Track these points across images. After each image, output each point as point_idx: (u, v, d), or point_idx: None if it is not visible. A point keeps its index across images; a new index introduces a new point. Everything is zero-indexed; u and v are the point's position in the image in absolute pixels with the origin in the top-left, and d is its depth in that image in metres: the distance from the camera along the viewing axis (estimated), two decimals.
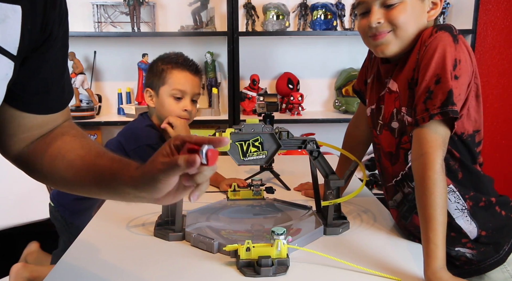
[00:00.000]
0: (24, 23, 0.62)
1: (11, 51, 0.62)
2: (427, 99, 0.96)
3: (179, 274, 0.94)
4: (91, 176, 0.73)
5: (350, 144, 1.37)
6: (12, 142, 0.78)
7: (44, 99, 0.75)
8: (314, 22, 2.57)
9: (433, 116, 0.94)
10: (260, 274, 0.92)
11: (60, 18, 0.70)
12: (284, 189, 1.51)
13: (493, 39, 2.85)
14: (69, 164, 0.75)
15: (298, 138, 1.14)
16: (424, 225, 0.91)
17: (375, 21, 1.04)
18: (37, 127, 0.78)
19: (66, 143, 0.78)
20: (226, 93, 2.63)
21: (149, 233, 1.14)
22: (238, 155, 1.09)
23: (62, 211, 1.70)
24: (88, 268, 0.97)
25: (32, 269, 1.75)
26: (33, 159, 0.79)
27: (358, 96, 1.33)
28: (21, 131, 0.77)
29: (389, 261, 0.99)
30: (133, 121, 1.61)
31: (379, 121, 1.15)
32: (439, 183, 0.91)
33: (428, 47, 0.98)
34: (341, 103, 2.62)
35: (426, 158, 0.93)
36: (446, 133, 0.96)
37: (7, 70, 0.63)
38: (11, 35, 0.61)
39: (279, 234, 0.94)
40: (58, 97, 0.79)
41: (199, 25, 2.59)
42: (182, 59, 1.55)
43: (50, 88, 0.75)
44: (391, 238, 1.12)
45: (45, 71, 0.72)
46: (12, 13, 0.60)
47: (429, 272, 0.87)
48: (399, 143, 1.08)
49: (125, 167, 0.70)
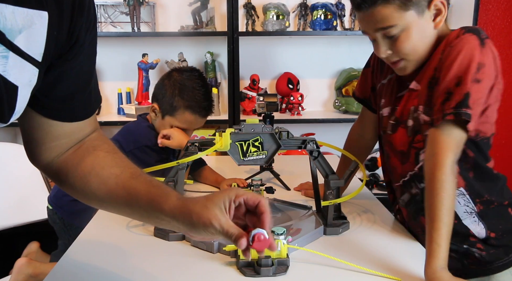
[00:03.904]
0: (50, 29, 0.61)
1: (36, 57, 0.61)
2: (446, 101, 0.95)
3: (179, 274, 0.94)
4: (125, 197, 0.74)
5: (353, 151, 1.33)
6: (41, 151, 0.77)
7: (70, 106, 0.74)
8: (314, 22, 2.57)
9: (445, 116, 0.93)
10: (260, 274, 0.92)
11: (88, 25, 0.69)
12: (284, 189, 1.51)
13: (493, 39, 2.84)
14: (102, 181, 0.75)
15: (298, 138, 1.14)
16: (429, 224, 0.91)
17: (383, 54, 1.04)
18: (65, 135, 0.77)
19: (99, 158, 0.78)
20: (226, 93, 2.63)
21: (149, 233, 1.14)
22: (238, 155, 1.09)
23: (61, 212, 1.70)
24: (88, 268, 0.97)
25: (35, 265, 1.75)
26: (65, 171, 0.78)
27: (364, 103, 1.31)
28: (49, 139, 0.76)
29: (389, 261, 0.99)
30: (132, 122, 1.61)
31: (390, 121, 1.14)
32: (447, 184, 0.91)
33: (453, 48, 0.97)
34: (341, 103, 2.62)
35: (436, 159, 0.93)
36: (461, 136, 0.95)
37: (31, 76, 0.62)
38: (36, 41, 0.60)
39: (279, 234, 0.94)
40: (84, 105, 0.77)
41: (199, 25, 2.59)
42: (199, 99, 1.47)
43: (75, 96, 0.74)
44: (391, 238, 1.12)
45: (70, 78, 0.71)
46: (38, 19, 0.59)
47: (429, 271, 0.87)
48: (412, 142, 1.08)
49: (164, 195, 0.71)
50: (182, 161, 1.09)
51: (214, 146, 1.07)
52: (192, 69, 1.56)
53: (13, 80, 0.59)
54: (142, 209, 0.73)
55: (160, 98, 1.49)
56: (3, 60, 0.57)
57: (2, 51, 0.57)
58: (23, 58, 0.59)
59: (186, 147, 1.12)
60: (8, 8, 0.56)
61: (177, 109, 1.46)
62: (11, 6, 0.56)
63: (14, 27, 0.57)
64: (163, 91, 1.49)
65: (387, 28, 1.00)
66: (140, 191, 0.72)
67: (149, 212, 0.72)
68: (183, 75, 1.50)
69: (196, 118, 1.49)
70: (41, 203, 1.80)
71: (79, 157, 0.77)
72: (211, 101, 1.53)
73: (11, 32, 0.57)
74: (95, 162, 0.77)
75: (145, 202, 0.71)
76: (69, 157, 0.78)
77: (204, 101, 1.48)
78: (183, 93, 1.46)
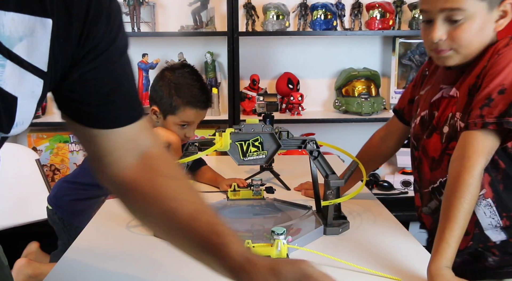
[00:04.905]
0: (55, 37, 0.57)
1: (40, 67, 0.58)
2: (485, 106, 0.94)
3: (179, 274, 0.94)
4: (182, 236, 0.70)
5: (369, 156, 1.34)
6: (98, 167, 0.73)
7: (107, 110, 0.68)
8: (314, 22, 2.57)
9: (487, 125, 0.92)
10: None
11: (110, 31, 0.63)
12: (284, 189, 1.51)
13: None
14: (162, 212, 0.70)
15: (298, 138, 1.14)
16: (443, 224, 0.90)
17: (437, 38, 1.00)
18: (116, 147, 0.70)
19: (160, 186, 0.71)
20: (226, 93, 2.62)
21: (149, 233, 1.14)
22: (238, 155, 1.09)
23: (60, 213, 1.70)
24: (88, 268, 0.97)
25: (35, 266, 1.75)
26: (124, 194, 0.73)
27: (396, 113, 1.31)
28: (102, 153, 0.70)
29: (389, 261, 0.99)
30: None
31: (429, 126, 1.12)
32: (473, 188, 0.90)
33: (501, 56, 0.96)
34: (341, 103, 2.62)
35: (467, 162, 0.92)
36: (494, 143, 0.94)
37: (33, 87, 0.59)
38: (38, 50, 0.56)
39: (279, 234, 0.94)
40: (123, 108, 0.70)
41: (199, 25, 2.59)
42: (196, 94, 1.48)
43: (110, 99, 0.67)
44: (391, 238, 1.12)
45: (99, 84, 0.65)
46: (40, 27, 0.56)
47: (433, 267, 0.87)
48: (446, 149, 1.06)
49: (223, 247, 0.65)
50: (182, 161, 1.09)
51: (214, 146, 1.07)
52: (182, 65, 1.57)
53: (10, 90, 0.56)
54: (198, 253, 0.70)
55: (158, 100, 1.50)
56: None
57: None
58: (22, 67, 0.56)
59: (186, 147, 1.12)
60: (7, 15, 0.53)
61: (177, 108, 1.47)
62: (11, 13, 0.53)
63: (13, 35, 0.54)
64: (160, 93, 1.49)
65: (455, 10, 0.97)
66: (197, 237, 0.68)
67: (204, 259, 0.70)
68: (176, 73, 1.51)
69: (197, 111, 1.50)
70: (41, 203, 1.80)
71: (139, 182, 0.71)
72: (208, 93, 1.55)
73: (10, 39, 0.54)
74: (154, 189, 0.70)
75: (201, 248, 0.68)
76: (127, 178, 0.71)
77: (202, 94, 1.50)
78: (180, 91, 1.47)
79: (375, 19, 2.56)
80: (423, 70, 1.24)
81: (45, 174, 2.18)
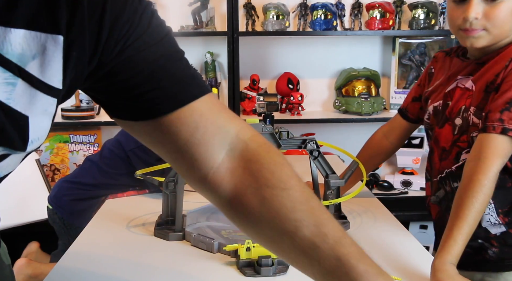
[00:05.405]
0: (67, 52, 0.55)
1: (54, 85, 0.55)
2: (505, 110, 0.94)
3: (179, 274, 0.94)
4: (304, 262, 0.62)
5: (371, 152, 1.35)
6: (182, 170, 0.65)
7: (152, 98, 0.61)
8: (314, 22, 2.57)
9: (507, 131, 0.93)
10: (260, 274, 0.92)
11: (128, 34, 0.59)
12: None
13: None
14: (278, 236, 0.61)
15: (298, 138, 1.14)
16: (452, 221, 0.91)
17: (473, 16, 0.99)
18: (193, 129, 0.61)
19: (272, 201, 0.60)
20: (226, 93, 2.62)
21: (149, 233, 1.14)
22: None
23: (61, 212, 1.70)
24: (88, 268, 0.97)
25: (35, 266, 1.75)
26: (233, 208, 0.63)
27: (400, 113, 1.32)
28: (164, 148, 0.63)
29: (389, 261, 0.99)
30: None
31: (442, 117, 1.12)
32: (486, 189, 0.91)
33: None
34: (341, 103, 2.61)
35: (484, 163, 0.92)
36: (511, 148, 0.94)
37: (46, 106, 0.56)
38: (52, 68, 0.54)
39: None
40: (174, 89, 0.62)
41: (199, 25, 2.59)
42: None
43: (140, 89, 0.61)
44: (391, 238, 1.12)
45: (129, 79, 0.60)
46: (51, 44, 0.53)
47: (437, 262, 0.87)
48: (456, 141, 1.07)
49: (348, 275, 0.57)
50: None
51: None
52: None
53: (20, 109, 0.54)
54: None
55: None
56: (8, 87, 0.52)
57: (8, 78, 0.52)
58: (34, 86, 0.54)
59: None
60: (17, 32, 0.51)
61: None
62: (21, 30, 0.51)
63: (26, 52, 0.52)
64: None
65: None
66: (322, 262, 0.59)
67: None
68: None
69: None
70: (41, 203, 1.80)
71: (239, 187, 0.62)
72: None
73: (22, 57, 0.52)
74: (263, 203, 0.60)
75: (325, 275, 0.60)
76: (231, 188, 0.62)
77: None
78: None
79: (375, 19, 2.56)
80: (428, 68, 1.25)
81: (45, 174, 2.19)
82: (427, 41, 2.63)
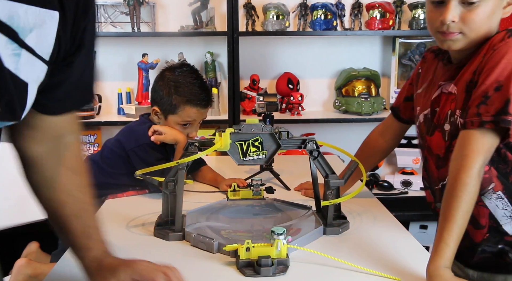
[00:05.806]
0: (59, 29, 0.62)
1: (44, 57, 0.62)
2: (481, 104, 0.93)
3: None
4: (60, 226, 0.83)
5: (369, 151, 1.35)
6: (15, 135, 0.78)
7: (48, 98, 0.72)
8: (314, 22, 2.57)
9: (484, 124, 0.92)
10: (260, 274, 0.92)
11: (91, 27, 0.69)
12: (284, 189, 1.51)
13: None
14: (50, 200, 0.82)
15: (298, 138, 1.14)
16: (442, 223, 0.90)
17: (450, 19, 0.99)
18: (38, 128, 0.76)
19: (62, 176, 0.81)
20: (226, 93, 2.63)
21: (149, 233, 1.14)
22: (238, 155, 1.09)
23: None
24: None
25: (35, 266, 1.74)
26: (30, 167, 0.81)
27: (393, 112, 1.32)
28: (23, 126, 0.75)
29: (389, 261, 0.99)
30: (134, 122, 1.61)
31: (431, 124, 1.12)
32: (470, 188, 0.90)
33: (496, 52, 0.95)
34: (341, 103, 2.62)
35: (465, 161, 0.91)
36: (494, 141, 0.93)
37: (39, 72, 0.63)
38: (46, 41, 0.61)
39: (279, 234, 0.94)
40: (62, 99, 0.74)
41: (199, 25, 2.59)
42: (195, 92, 1.48)
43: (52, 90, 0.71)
44: (391, 238, 1.12)
45: (69, 77, 0.71)
46: (49, 19, 0.60)
47: (431, 267, 0.87)
48: (449, 146, 1.06)
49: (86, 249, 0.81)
50: (182, 161, 1.09)
51: (214, 146, 1.07)
52: (182, 64, 1.57)
53: (23, 77, 0.60)
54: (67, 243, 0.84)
55: (158, 100, 1.50)
56: (16, 58, 0.58)
57: (14, 49, 0.57)
58: (33, 55, 0.60)
59: (186, 147, 1.12)
60: (22, 7, 0.56)
61: (177, 107, 1.47)
62: (25, 5, 0.57)
63: (26, 26, 0.57)
64: (160, 93, 1.49)
65: None
66: (71, 233, 0.82)
67: (71, 250, 0.84)
68: (175, 72, 1.51)
69: (198, 110, 1.50)
70: None
71: (46, 162, 0.79)
72: (208, 91, 1.54)
73: (23, 31, 0.57)
74: (55, 176, 0.80)
75: (72, 243, 0.82)
76: (38, 156, 0.79)
77: (202, 92, 1.49)
78: (179, 90, 1.47)
79: (375, 19, 2.56)
80: (417, 68, 1.25)
81: None
82: (427, 41, 2.63)
